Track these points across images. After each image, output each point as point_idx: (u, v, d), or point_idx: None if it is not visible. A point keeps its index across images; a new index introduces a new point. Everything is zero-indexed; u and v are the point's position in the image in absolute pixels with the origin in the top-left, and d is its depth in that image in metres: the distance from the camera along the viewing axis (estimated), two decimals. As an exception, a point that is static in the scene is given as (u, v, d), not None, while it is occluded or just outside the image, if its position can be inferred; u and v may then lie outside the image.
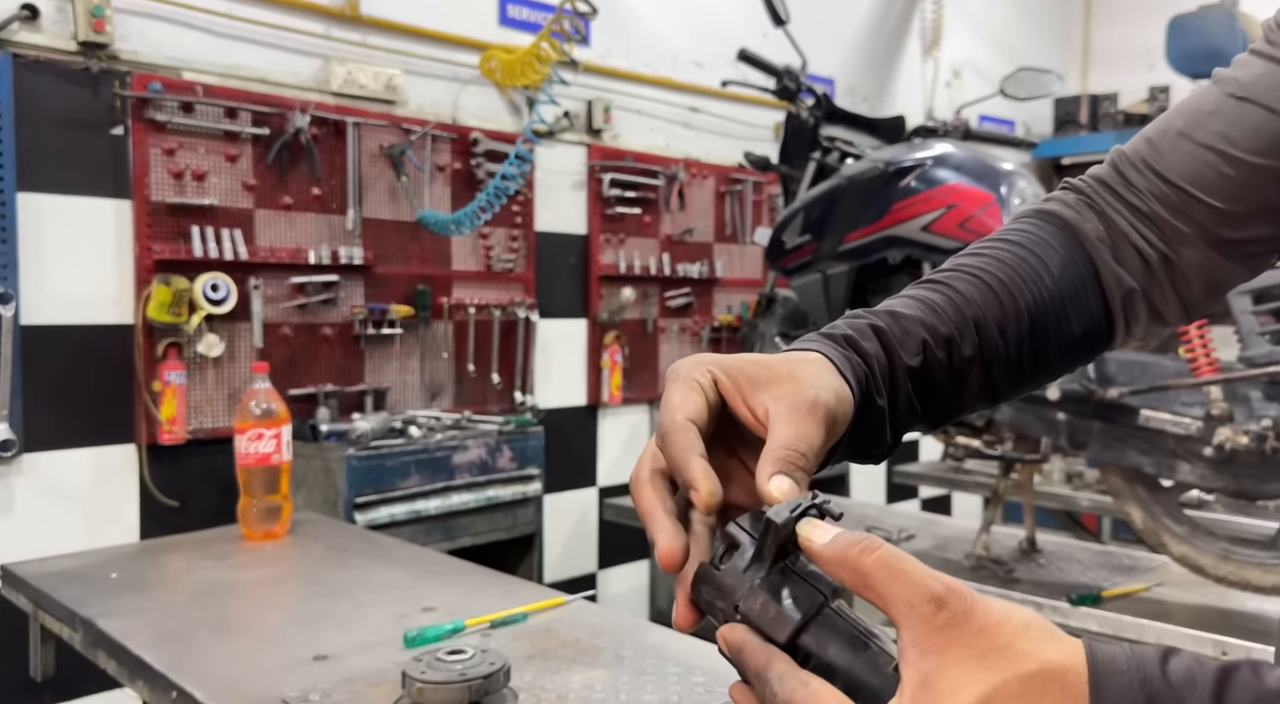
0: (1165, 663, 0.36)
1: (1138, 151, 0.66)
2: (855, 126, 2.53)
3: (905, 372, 0.55)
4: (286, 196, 2.61)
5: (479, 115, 3.05)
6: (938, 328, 0.57)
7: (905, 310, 0.57)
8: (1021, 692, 0.35)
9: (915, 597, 0.38)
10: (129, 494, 2.39)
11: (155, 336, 2.38)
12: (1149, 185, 0.64)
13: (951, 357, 0.57)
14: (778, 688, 0.40)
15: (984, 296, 0.59)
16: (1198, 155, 0.62)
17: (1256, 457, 1.68)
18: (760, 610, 0.42)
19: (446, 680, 0.90)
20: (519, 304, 3.11)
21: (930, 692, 0.36)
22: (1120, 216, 0.65)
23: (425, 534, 2.45)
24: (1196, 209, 0.62)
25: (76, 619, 1.30)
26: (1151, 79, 5.06)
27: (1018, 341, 0.60)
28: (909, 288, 0.61)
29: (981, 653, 0.36)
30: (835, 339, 0.54)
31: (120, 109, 2.34)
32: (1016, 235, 0.64)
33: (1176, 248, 0.64)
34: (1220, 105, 0.62)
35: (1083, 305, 0.63)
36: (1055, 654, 0.36)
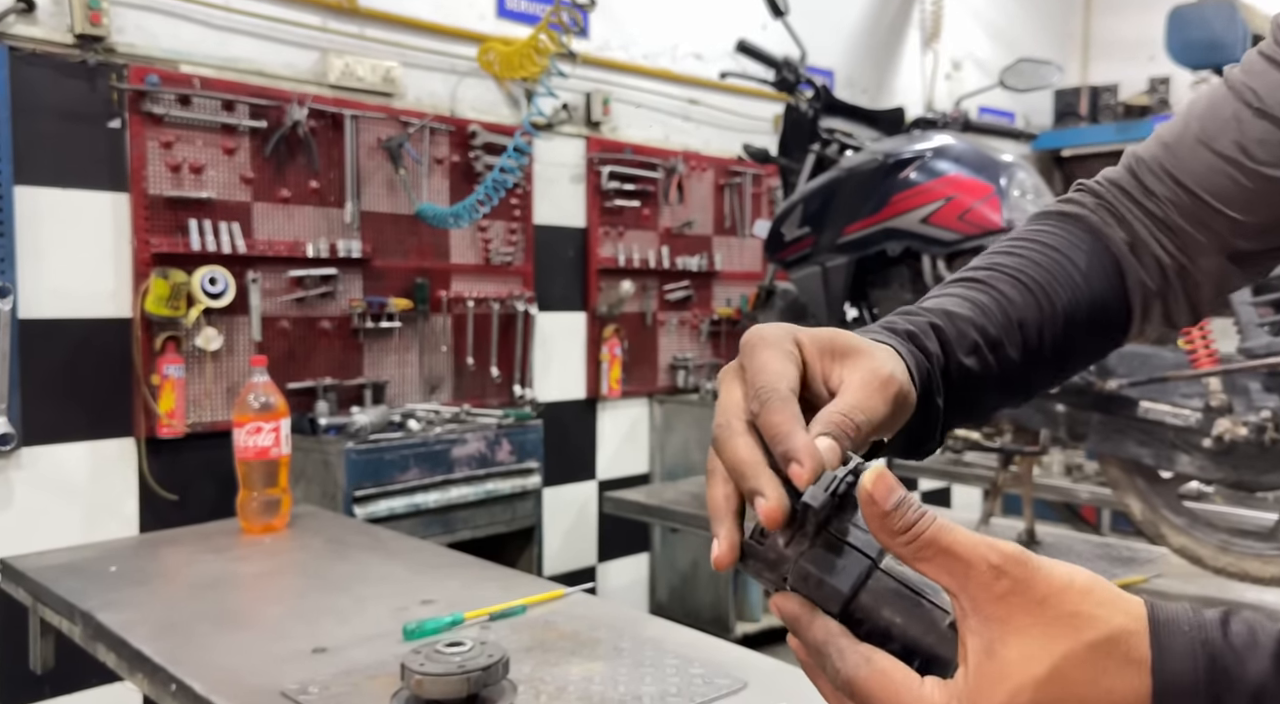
0: (1226, 624, 0.36)
1: (1155, 157, 0.66)
2: (854, 118, 2.52)
3: (960, 372, 0.56)
4: (284, 190, 2.60)
5: (477, 108, 3.04)
6: (988, 330, 0.57)
7: (958, 310, 0.58)
8: (1090, 658, 0.36)
9: (973, 566, 0.37)
10: (128, 488, 2.39)
11: (153, 330, 2.38)
12: (1168, 193, 0.64)
13: (999, 359, 0.58)
14: (840, 664, 0.40)
15: (1025, 299, 0.60)
16: (1217, 166, 0.62)
17: (1255, 448, 1.68)
18: (810, 584, 0.42)
19: (445, 672, 0.90)
20: (518, 297, 3.10)
21: (997, 660, 0.36)
22: (1140, 224, 0.65)
23: (424, 527, 2.45)
24: (1215, 219, 0.63)
25: (76, 612, 1.30)
26: (1152, 70, 5.05)
27: (1053, 344, 0.61)
28: (952, 284, 0.61)
29: (1049, 621, 0.36)
30: (899, 333, 0.54)
31: (117, 102, 2.33)
32: (1047, 237, 0.64)
33: (1193, 257, 0.64)
34: (1238, 114, 0.62)
35: (1109, 309, 0.64)
36: (1120, 620, 0.36)
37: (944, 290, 0.61)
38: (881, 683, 0.39)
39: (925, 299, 0.60)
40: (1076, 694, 0.36)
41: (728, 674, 1.03)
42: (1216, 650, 0.36)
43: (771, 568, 0.43)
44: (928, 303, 0.59)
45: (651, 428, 3.58)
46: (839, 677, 0.40)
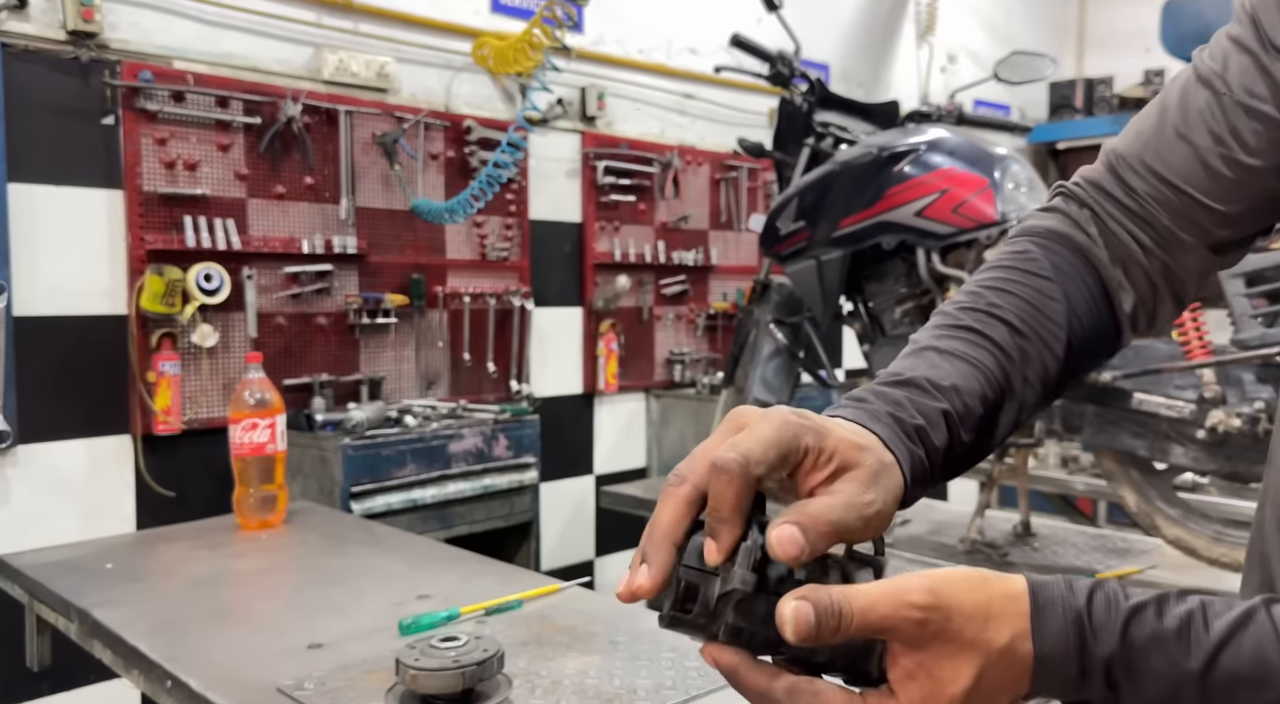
0: (1090, 599, 0.46)
1: (1135, 153, 0.65)
2: (849, 112, 2.52)
3: (961, 448, 0.57)
4: (279, 186, 2.60)
5: (472, 103, 3.03)
6: (988, 397, 0.59)
7: (966, 385, 0.58)
8: (998, 661, 0.45)
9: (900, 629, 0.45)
10: (125, 485, 2.39)
11: (149, 327, 2.38)
12: (1150, 190, 0.64)
13: (996, 418, 0.60)
14: (787, 702, 0.46)
15: (1024, 355, 0.61)
16: (1197, 158, 0.62)
17: (1249, 439, 1.68)
18: (743, 637, 0.46)
19: (440, 667, 0.90)
20: (514, 292, 3.10)
21: (934, 679, 0.45)
22: (1122, 229, 0.65)
23: (422, 523, 2.45)
24: (1198, 213, 0.62)
25: (72, 609, 1.30)
26: (1147, 62, 5.05)
27: (1052, 388, 0.63)
28: (953, 335, 0.60)
29: (966, 645, 0.45)
30: (907, 431, 0.54)
31: (111, 98, 2.33)
32: (1040, 267, 0.64)
33: (1176, 255, 0.64)
34: (1212, 106, 0.62)
35: (1100, 331, 0.65)
36: (1016, 626, 0.45)
37: (948, 345, 0.60)
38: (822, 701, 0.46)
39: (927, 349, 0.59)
40: (992, 689, 0.45)
41: (722, 667, 1.04)
42: (1081, 626, 0.45)
43: (701, 630, 0.47)
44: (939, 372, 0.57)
45: (648, 422, 3.58)
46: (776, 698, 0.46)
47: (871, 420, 0.53)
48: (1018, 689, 0.46)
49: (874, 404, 0.54)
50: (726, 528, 0.46)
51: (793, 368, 2.59)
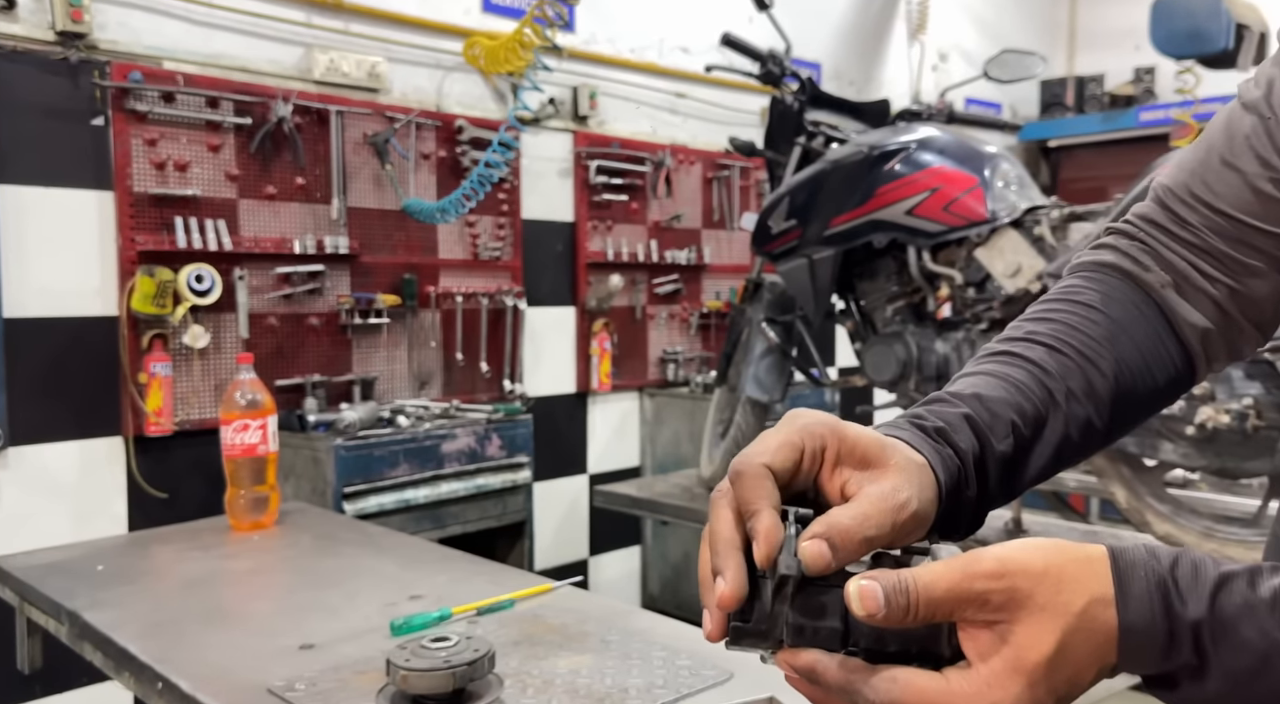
0: (1176, 565, 0.43)
1: (1184, 185, 0.64)
2: (840, 111, 2.53)
3: (996, 459, 0.56)
4: (270, 186, 2.59)
5: (463, 102, 3.03)
6: (1024, 408, 0.57)
7: (991, 392, 0.57)
8: (1079, 625, 0.43)
9: (966, 603, 0.43)
10: (116, 486, 2.38)
11: (140, 328, 2.37)
12: (1203, 220, 0.63)
13: (1040, 435, 0.57)
14: (872, 695, 0.44)
15: (1064, 367, 0.59)
16: (1245, 184, 0.61)
17: (1238, 435, 1.69)
18: (806, 635, 0.45)
19: (431, 667, 0.90)
20: (507, 292, 3.10)
21: (1011, 645, 0.43)
22: (1179, 258, 0.64)
23: (415, 523, 2.45)
24: (1257, 238, 0.61)
25: (62, 611, 1.30)
26: (1137, 60, 5.06)
27: (1106, 406, 0.60)
28: (986, 360, 0.61)
29: (1042, 608, 0.43)
30: (928, 432, 0.54)
31: (100, 99, 2.32)
32: (1081, 294, 0.64)
33: (1243, 279, 0.63)
34: (1255, 129, 0.61)
35: (1162, 356, 0.63)
36: (1094, 587, 0.43)
37: (977, 367, 0.60)
38: (916, 695, 0.43)
39: (958, 377, 0.60)
40: (1077, 659, 0.43)
41: (714, 665, 1.04)
42: (1167, 590, 0.43)
43: (764, 637, 0.46)
44: (961, 385, 0.58)
45: (642, 421, 3.58)
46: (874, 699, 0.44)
47: (892, 430, 0.53)
48: (1104, 659, 0.43)
49: (893, 422, 0.55)
50: (763, 525, 0.45)
51: (785, 366, 2.60)
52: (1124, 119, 4.84)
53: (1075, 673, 0.43)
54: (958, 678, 0.43)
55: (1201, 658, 0.42)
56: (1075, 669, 0.43)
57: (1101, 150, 5.00)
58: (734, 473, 0.47)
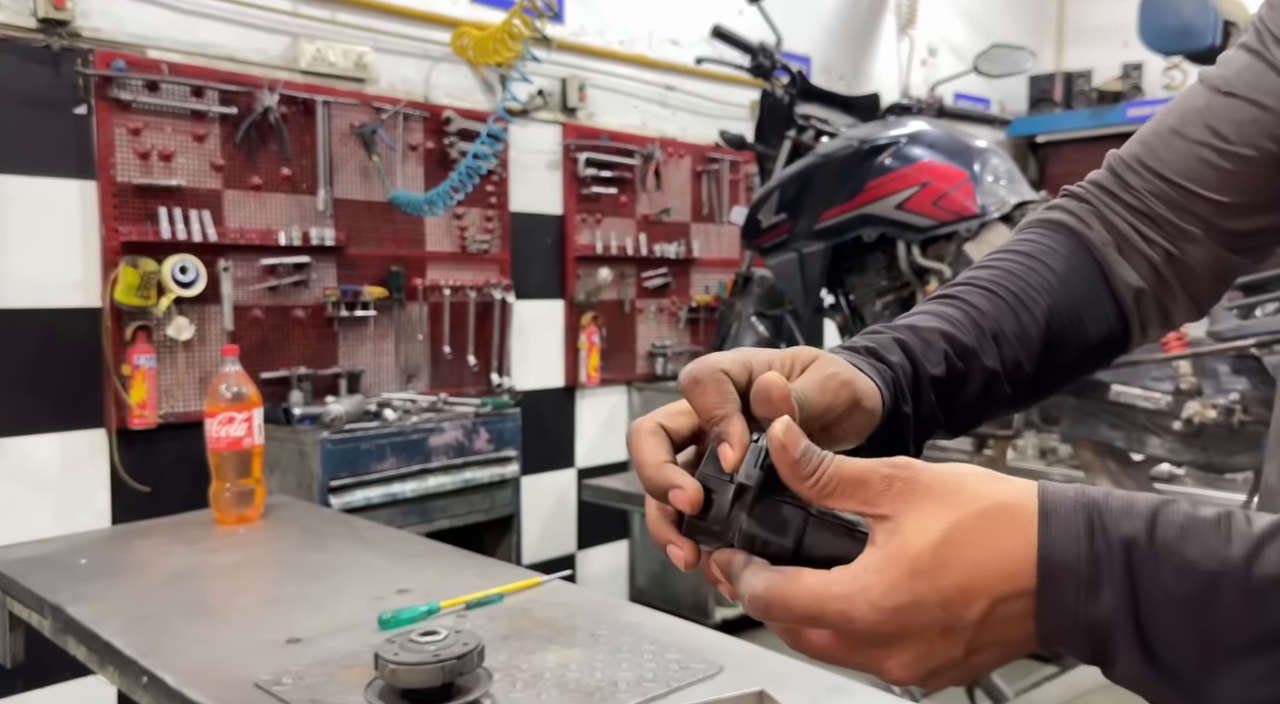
0: (1108, 495, 0.40)
1: (1133, 153, 0.67)
2: (830, 104, 2.52)
3: (929, 381, 0.57)
4: (256, 177, 2.57)
5: (451, 93, 3.01)
6: (957, 337, 0.58)
7: (924, 323, 0.59)
8: (977, 525, 0.39)
9: (869, 482, 0.42)
10: (100, 479, 2.36)
11: (124, 320, 2.34)
12: (1147, 185, 0.65)
13: (971, 368, 0.59)
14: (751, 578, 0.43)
15: (998, 309, 0.61)
16: (1192, 151, 0.63)
17: (1224, 430, 1.70)
18: (757, 544, 0.45)
19: (419, 662, 0.89)
20: (495, 285, 3.09)
21: (896, 536, 0.40)
22: (1121, 220, 0.66)
23: (402, 517, 2.44)
24: (1198, 204, 0.63)
25: (45, 605, 1.28)
26: (1125, 56, 5.08)
27: (1036, 351, 0.61)
28: (922, 303, 0.63)
29: (937, 500, 0.40)
30: (858, 350, 0.56)
31: (83, 88, 2.29)
32: (1024, 245, 0.66)
33: (1181, 245, 0.64)
34: (1209, 101, 0.63)
35: (1096, 311, 0.64)
36: (1006, 491, 0.40)
37: (914, 311, 0.62)
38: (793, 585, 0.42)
39: (894, 321, 0.61)
40: (968, 556, 0.39)
41: (704, 659, 1.04)
42: (1094, 508, 0.39)
43: (718, 537, 0.46)
44: (898, 320, 0.60)
45: (630, 415, 3.57)
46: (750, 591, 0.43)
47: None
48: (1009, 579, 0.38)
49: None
50: (734, 429, 0.45)
51: (774, 360, 2.59)
52: (1112, 115, 4.86)
53: (966, 579, 0.38)
54: (840, 571, 0.41)
55: (1134, 589, 0.37)
56: (966, 574, 0.38)
57: (1089, 146, 5.01)
58: (690, 380, 0.47)
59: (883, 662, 0.41)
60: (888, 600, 0.39)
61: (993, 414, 0.62)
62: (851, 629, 0.40)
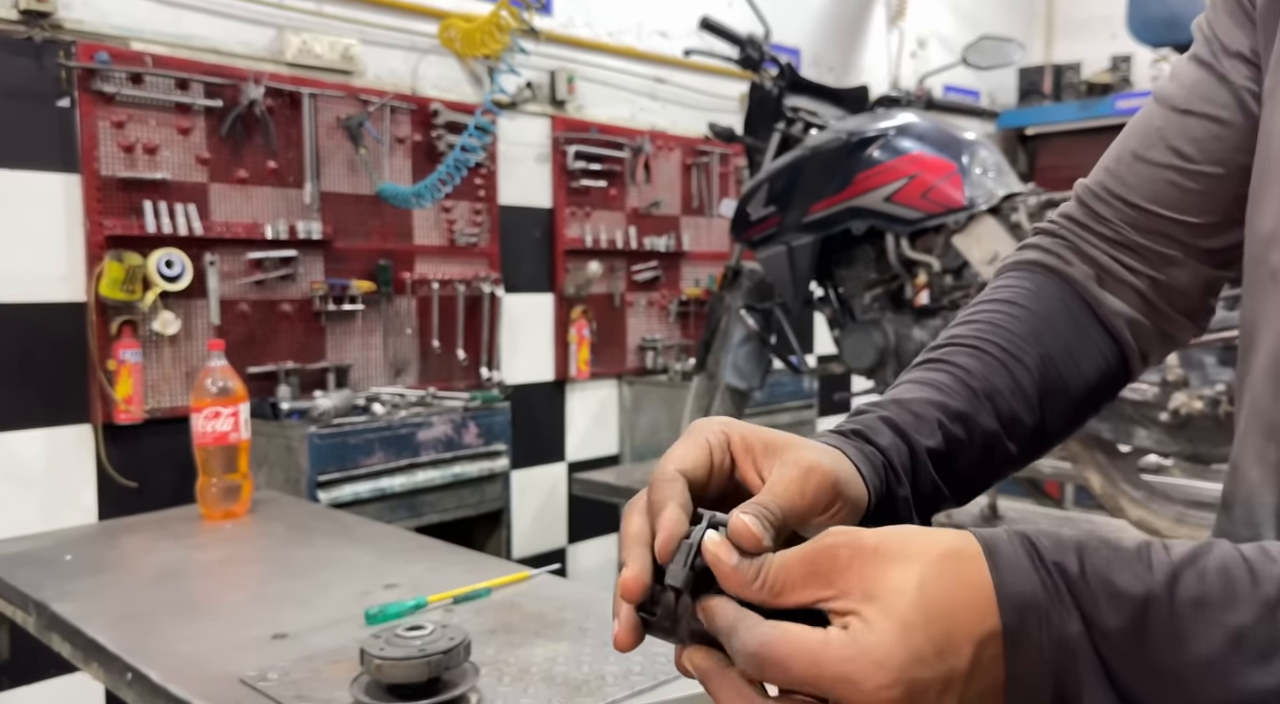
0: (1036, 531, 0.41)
1: (1099, 182, 0.66)
2: (819, 97, 2.52)
3: (926, 455, 0.54)
4: (241, 170, 2.55)
5: (439, 86, 2.99)
6: (949, 405, 0.56)
7: (912, 395, 0.57)
8: (939, 572, 0.39)
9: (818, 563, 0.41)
10: (86, 475, 2.34)
11: (109, 314, 2.33)
12: (1118, 214, 0.64)
13: (970, 432, 0.56)
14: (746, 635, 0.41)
15: (987, 366, 0.59)
16: (1157, 175, 0.62)
17: (1211, 421, 1.71)
18: (706, 640, 0.44)
19: (405, 656, 0.89)
20: (484, 279, 3.07)
21: (877, 601, 0.39)
22: (1099, 252, 0.64)
23: (391, 512, 2.43)
24: (1172, 228, 0.62)
25: (29, 602, 1.27)
26: (1114, 48, 5.09)
27: (1035, 402, 0.59)
28: (910, 371, 0.61)
29: (893, 557, 0.40)
30: (845, 434, 0.54)
31: (66, 80, 2.27)
32: (1003, 293, 0.64)
33: (1164, 269, 0.63)
34: (1166, 121, 0.62)
35: (1089, 348, 0.62)
36: (946, 538, 0.40)
37: (899, 382, 0.60)
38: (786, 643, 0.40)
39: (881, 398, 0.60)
40: (944, 605, 0.39)
41: (691, 652, 1.03)
42: (1029, 542, 0.40)
43: (669, 633, 0.45)
44: (883, 397, 0.58)
45: (620, 409, 3.57)
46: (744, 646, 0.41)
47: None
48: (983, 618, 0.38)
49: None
50: (666, 518, 0.44)
51: (764, 354, 2.60)
52: (1101, 107, 4.87)
53: (951, 626, 0.38)
54: (837, 633, 0.40)
55: (1085, 620, 0.38)
56: (949, 622, 0.38)
57: (1078, 138, 5.02)
58: (650, 480, 0.47)
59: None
60: (892, 660, 0.38)
61: (1001, 474, 0.60)
62: (855, 695, 0.38)
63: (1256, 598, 0.37)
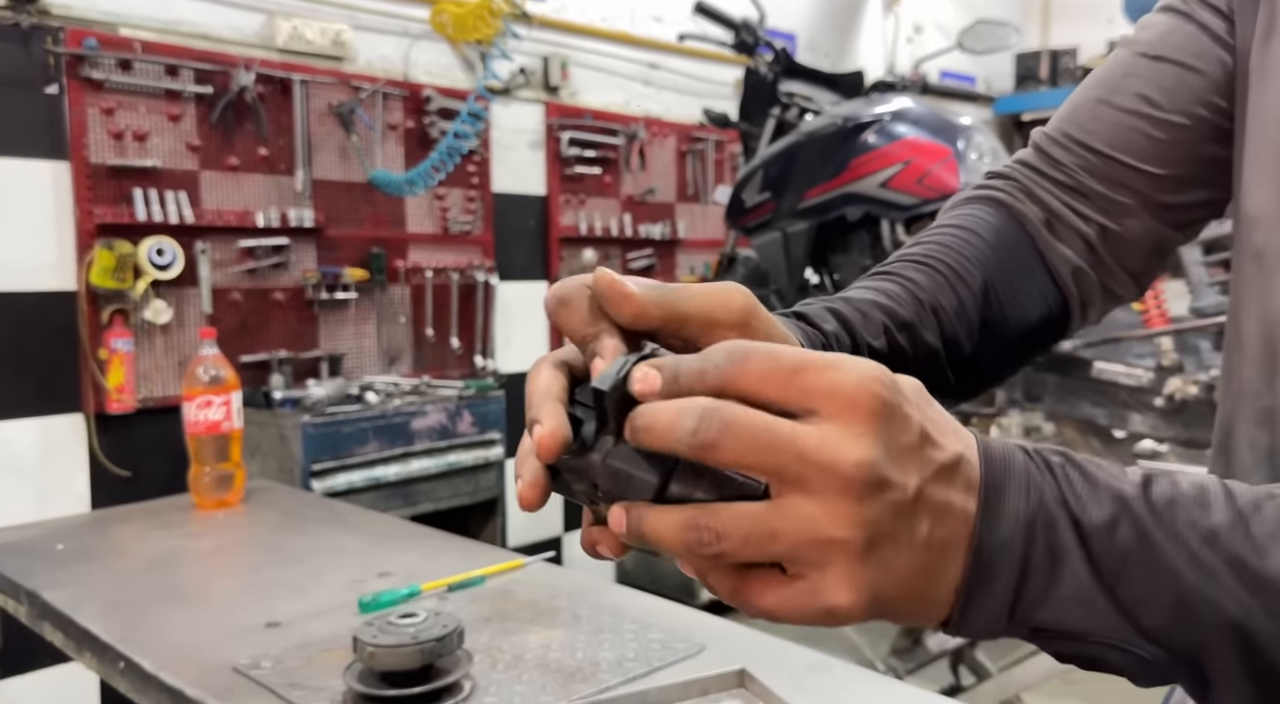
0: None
1: (1058, 128, 0.64)
2: (814, 82, 2.51)
3: (868, 353, 0.52)
4: (232, 157, 2.53)
5: (431, 72, 2.97)
6: (896, 311, 0.55)
7: (860, 296, 0.55)
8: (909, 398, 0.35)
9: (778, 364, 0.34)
10: (78, 464, 2.33)
11: (100, 303, 2.31)
12: (1076, 159, 0.63)
13: (915, 344, 0.55)
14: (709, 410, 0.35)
15: (935, 283, 0.58)
16: (1122, 121, 0.60)
17: (1206, 406, 1.71)
18: (619, 480, 0.38)
19: (398, 644, 0.88)
20: (478, 267, 3.06)
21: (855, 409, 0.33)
22: (1052, 196, 0.63)
23: (385, 501, 2.42)
24: (1131, 177, 0.61)
25: (21, 591, 1.27)
26: (1110, 33, 5.08)
27: (975, 327, 0.58)
28: (862, 279, 0.60)
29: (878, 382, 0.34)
30: (786, 316, 0.51)
31: (54, 67, 2.24)
32: (957, 219, 0.63)
33: (1116, 219, 0.62)
34: (1134, 67, 0.61)
35: (1033, 287, 0.62)
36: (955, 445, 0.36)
37: (848, 288, 0.58)
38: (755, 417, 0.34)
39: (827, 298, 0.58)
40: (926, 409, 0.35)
41: (686, 639, 1.03)
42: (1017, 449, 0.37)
43: (580, 479, 0.39)
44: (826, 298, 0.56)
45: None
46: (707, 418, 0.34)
47: None
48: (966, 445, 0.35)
49: None
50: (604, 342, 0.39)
51: (758, 340, 2.59)
52: (1095, 93, 4.86)
53: (942, 417, 0.35)
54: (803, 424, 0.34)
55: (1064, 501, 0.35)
56: (939, 415, 0.35)
57: (1073, 125, 5.01)
58: (555, 301, 0.40)
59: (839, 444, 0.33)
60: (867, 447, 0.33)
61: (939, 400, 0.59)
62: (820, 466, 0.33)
63: (1231, 506, 0.36)
